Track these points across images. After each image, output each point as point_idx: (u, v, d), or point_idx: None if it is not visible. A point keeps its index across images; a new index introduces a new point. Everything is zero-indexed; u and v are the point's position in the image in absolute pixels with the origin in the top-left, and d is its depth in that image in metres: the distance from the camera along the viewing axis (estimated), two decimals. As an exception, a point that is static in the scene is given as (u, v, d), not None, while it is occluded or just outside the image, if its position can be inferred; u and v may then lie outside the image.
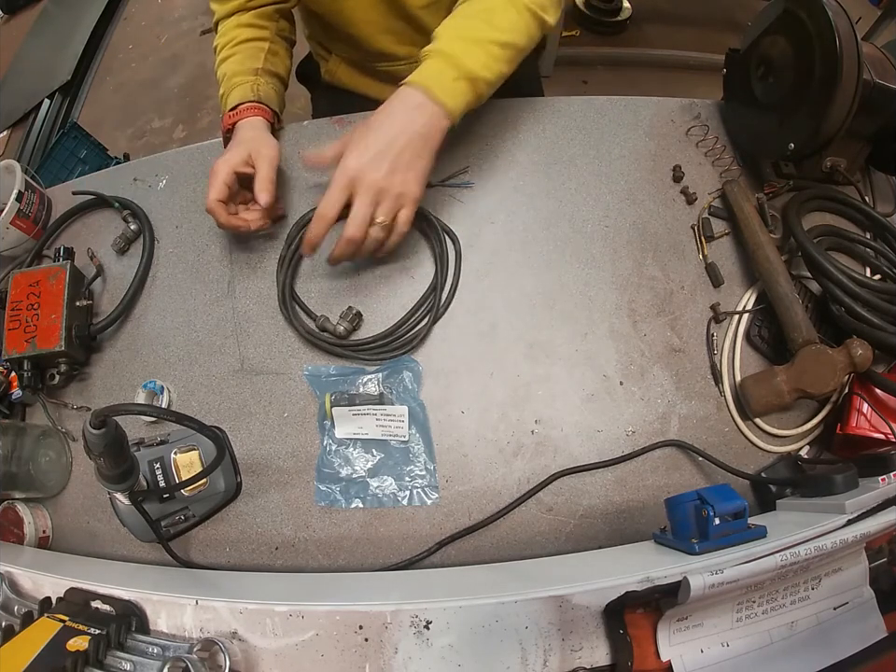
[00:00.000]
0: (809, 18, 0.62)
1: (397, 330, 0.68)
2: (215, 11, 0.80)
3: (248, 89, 0.73)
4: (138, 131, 2.21)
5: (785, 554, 0.40)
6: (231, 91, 0.74)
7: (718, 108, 0.78)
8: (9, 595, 0.48)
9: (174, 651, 0.41)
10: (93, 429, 0.46)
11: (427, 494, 0.63)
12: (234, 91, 0.73)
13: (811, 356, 0.60)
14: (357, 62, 0.93)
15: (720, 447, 0.64)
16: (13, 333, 0.67)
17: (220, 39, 0.78)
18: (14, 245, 0.77)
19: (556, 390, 0.65)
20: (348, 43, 0.86)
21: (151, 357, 0.71)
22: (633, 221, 0.72)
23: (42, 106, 2.18)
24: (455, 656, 0.40)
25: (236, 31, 0.77)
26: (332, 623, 0.41)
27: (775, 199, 0.72)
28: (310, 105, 1.11)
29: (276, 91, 0.77)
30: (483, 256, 0.71)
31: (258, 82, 0.74)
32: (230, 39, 0.77)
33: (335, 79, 0.97)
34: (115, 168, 0.89)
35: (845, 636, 0.43)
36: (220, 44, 0.78)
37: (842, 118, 0.60)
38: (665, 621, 0.41)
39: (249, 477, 0.65)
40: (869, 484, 0.51)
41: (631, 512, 0.62)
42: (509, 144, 0.76)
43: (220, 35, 0.78)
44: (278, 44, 0.80)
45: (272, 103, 0.75)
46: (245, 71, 0.75)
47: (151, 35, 2.44)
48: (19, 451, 0.65)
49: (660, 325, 0.68)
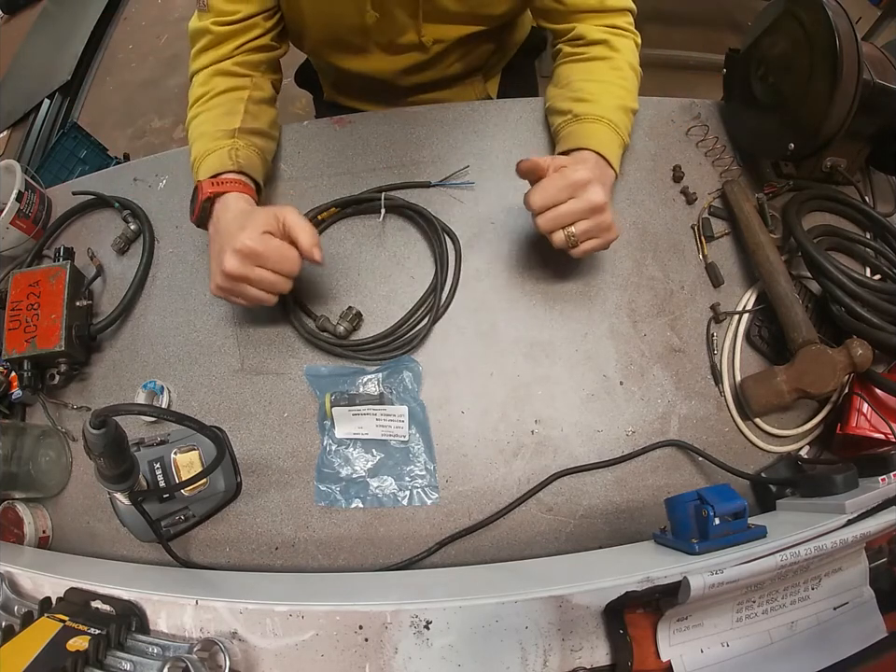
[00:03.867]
0: (809, 18, 0.62)
1: (397, 330, 0.68)
2: (192, 64, 0.72)
3: (225, 156, 0.64)
4: (138, 131, 2.21)
5: (785, 554, 0.40)
6: (204, 157, 0.65)
7: (718, 108, 0.78)
8: (9, 594, 0.48)
9: (174, 651, 0.41)
10: (93, 429, 0.46)
11: (427, 494, 0.63)
12: (209, 158, 0.64)
13: (811, 356, 0.60)
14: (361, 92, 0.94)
15: (720, 447, 0.64)
16: (13, 333, 0.67)
17: (196, 90, 0.70)
18: (14, 245, 0.77)
19: (556, 390, 0.65)
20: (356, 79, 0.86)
21: (151, 356, 0.71)
22: (633, 221, 0.72)
23: (42, 106, 2.18)
24: (455, 656, 0.40)
25: (214, 81, 0.70)
26: (332, 622, 0.41)
27: (775, 199, 0.72)
28: (310, 105, 1.11)
29: (258, 153, 0.68)
30: (483, 256, 0.71)
31: (235, 146, 0.65)
32: (205, 92, 0.69)
33: (336, 100, 0.98)
34: (115, 168, 0.89)
35: (845, 636, 0.43)
36: (195, 96, 0.70)
37: (842, 118, 0.60)
38: (665, 621, 0.41)
39: (249, 477, 0.65)
40: (869, 484, 0.51)
41: (631, 512, 0.62)
42: (509, 144, 0.76)
43: (196, 86, 0.71)
44: (260, 93, 0.72)
45: (255, 172, 0.66)
46: (219, 133, 0.66)
47: (151, 35, 2.44)
48: (19, 451, 0.65)
49: (660, 325, 0.68)
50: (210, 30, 0.69)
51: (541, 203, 0.58)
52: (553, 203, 0.58)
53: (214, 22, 0.68)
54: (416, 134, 0.76)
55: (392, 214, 0.73)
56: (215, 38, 0.69)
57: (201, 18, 0.70)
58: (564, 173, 0.58)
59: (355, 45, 0.77)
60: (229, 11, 0.68)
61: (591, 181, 0.57)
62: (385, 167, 0.75)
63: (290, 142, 0.78)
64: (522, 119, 0.77)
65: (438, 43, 0.77)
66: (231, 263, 0.57)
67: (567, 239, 0.59)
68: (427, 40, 0.76)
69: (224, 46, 0.70)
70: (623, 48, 0.70)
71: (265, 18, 0.71)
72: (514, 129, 0.77)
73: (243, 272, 0.57)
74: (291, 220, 0.58)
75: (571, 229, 0.59)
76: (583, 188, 0.57)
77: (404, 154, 0.76)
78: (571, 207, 0.58)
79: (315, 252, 0.58)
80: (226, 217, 0.61)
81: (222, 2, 0.68)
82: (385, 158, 0.76)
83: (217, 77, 0.70)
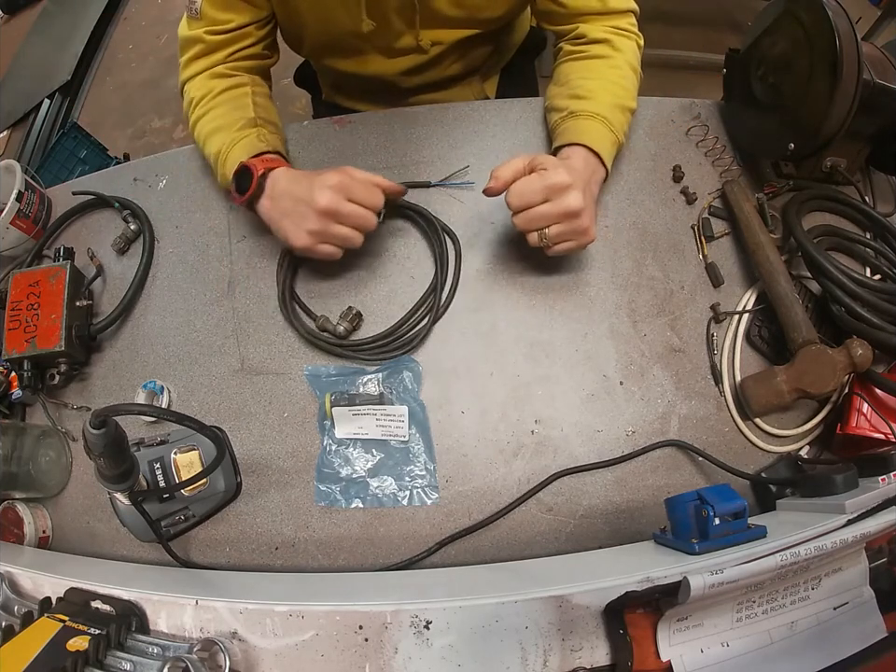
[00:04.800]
0: (809, 18, 0.62)
1: (397, 330, 0.68)
2: (183, 72, 0.72)
3: (255, 140, 0.65)
4: (138, 131, 2.21)
5: (785, 554, 0.40)
6: (231, 146, 0.65)
7: (718, 108, 0.78)
8: (9, 594, 0.48)
9: (174, 651, 0.41)
10: (93, 429, 0.46)
11: (427, 494, 0.63)
12: (238, 147, 0.65)
13: (811, 356, 0.60)
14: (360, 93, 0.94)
15: (720, 447, 0.64)
16: (13, 333, 0.67)
17: (194, 93, 0.70)
18: (14, 245, 0.77)
19: (556, 390, 0.65)
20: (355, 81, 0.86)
21: (151, 356, 0.71)
22: (633, 221, 0.72)
23: (42, 106, 2.18)
24: (455, 656, 0.40)
25: (212, 83, 0.70)
26: (332, 622, 0.41)
27: (775, 199, 0.72)
28: (310, 105, 1.11)
29: (281, 140, 0.70)
30: (483, 256, 0.71)
31: (260, 133, 0.66)
32: (206, 92, 0.69)
33: (334, 101, 0.98)
34: (115, 168, 0.89)
35: (845, 636, 0.43)
36: (195, 98, 0.69)
37: (842, 118, 0.60)
38: (665, 621, 0.41)
39: (249, 477, 0.65)
40: (869, 484, 0.51)
41: (631, 512, 0.62)
42: (509, 144, 0.76)
43: (193, 90, 0.70)
44: (261, 88, 0.73)
45: (284, 153, 0.68)
46: (238, 123, 0.66)
47: (151, 35, 2.44)
48: (19, 451, 0.65)
49: (660, 325, 0.68)
50: (202, 39, 0.69)
51: (518, 203, 0.59)
52: (528, 205, 0.58)
53: (206, 31, 0.68)
54: (416, 134, 0.76)
55: (392, 214, 0.73)
56: (206, 48, 0.70)
57: (192, 26, 0.69)
58: (543, 175, 0.58)
59: (353, 49, 0.77)
60: (222, 20, 0.68)
61: (570, 186, 0.58)
62: (385, 167, 0.75)
63: (290, 142, 0.78)
64: (522, 118, 0.77)
65: (436, 45, 0.77)
66: (325, 197, 0.58)
67: (541, 240, 0.60)
68: (426, 43, 0.76)
69: (216, 54, 0.70)
70: (625, 48, 0.70)
71: (257, 27, 0.71)
72: (514, 129, 0.77)
73: (336, 205, 0.59)
74: (358, 172, 0.61)
75: (545, 231, 0.59)
76: (561, 192, 0.58)
77: (404, 154, 0.76)
78: (546, 210, 0.58)
79: (393, 185, 0.63)
80: (287, 182, 0.62)
81: (215, 10, 0.67)
82: (385, 158, 0.76)
83: (214, 80, 0.70)
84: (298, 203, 0.60)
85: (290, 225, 0.61)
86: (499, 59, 0.95)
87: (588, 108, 0.66)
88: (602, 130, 0.65)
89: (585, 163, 0.64)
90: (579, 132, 0.65)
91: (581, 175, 0.61)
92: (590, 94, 0.67)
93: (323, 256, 0.63)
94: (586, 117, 0.66)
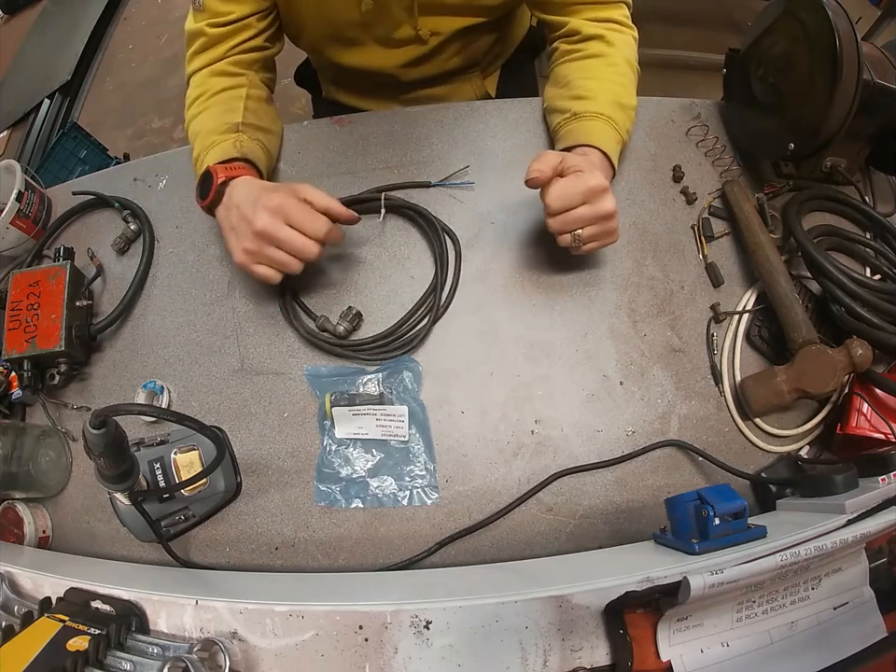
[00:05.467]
0: (809, 18, 0.62)
1: (397, 330, 0.68)
2: (189, 65, 0.73)
3: (230, 146, 0.65)
4: (138, 131, 2.21)
5: (785, 554, 0.40)
6: (209, 149, 0.65)
7: (718, 108, 0.78)
8: (9, 594, 0.48)
9: (174, 651, 0.41)
10: (93, 429, 0.46)
11: (427, 494, 0.63)
12: (214, 150, 0.65)
13: (811, 356, 0.60)
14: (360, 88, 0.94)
15: (720, 447, 0.64)
16: (13, 333, 0.67)
17: (193, 91, 0.71)
18: (14, 245, 0.77)
19: (556, 390, 0.65)
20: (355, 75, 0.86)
21: (151, 356, 0.71)
22: (633, 221, 0.72)
23: (42, 106, 2.18)
24: (454, 656, 0.40)
25: (210, 81, 0.71)
26: (332, 622, 0.41)
27: (775, 199, 0.72)
28: (310, 105, 1.11)
29: (262, 146, 0.69)
30: (483, 256, 0.71)
31: (240, 139, 0.66)
32: (202, 91, 0.70)
33: (335, 98, 0.98)
34: (115, 168, 0.89)
35: (845, 636, 0.43)
36: (192, 97, 0.71)
37: (842, 118, 0.60)
38: (665, 621, 0.41)
39: (249, 477, 0.65)
40: (869, 484, 0.51)
41: (631, 512, 0.62)
42: (509, 144, 0.76)
43: (193, 87, 0.72)
44: (258, 90, 0.73)
45: (259, 162, 0.67)
46: (222, 128, 0.67)
47: (151, 35, 2.44)
48: (19, 451, 0.65)
49: (660, 325, 0.68)
50: (204, 32, 0.70)
51: (559, 206, 0.58)
52: (568, 207, 0.58)
53: (208, 24, 0.70)
54: (416, 134, 0.76)
55: (392, 214, 0.73)
56: (209, 41, 0.71)
57: (196, 19, 0.71)
58: (582, 177, 0.57)
59: (352, 39, 0.78)
60: (223, 12, 0.69)
61: (606, 189, 0.58)
62: (385, 167, 0.75)
63: (290, 142, 0.78)
64: (521, 118, 0.77)
65: (436, 35, 0.77)
66: (262, 219, 0.57)
67: (573, 241, 0.60)
68: (424, 33, 0.76)
69: (218, 48, 0.71)
70: (619, 42, 0.70)
71: (258, 19, 0.71)
72: (514, 129, 0.77)
73: (273, 229, 0.57)
74: (311, 194, 0.59)
75: (579, 232, 0.59)
76: (599, 195, 0.58)
77: (404, 154, 0.76)
78: (584, 213, 0.58)
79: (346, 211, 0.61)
80: (241, 194, 0.60)
81: (217, 2, 0.68)
82: (385, 158, 0.76)
83: (213, 78, 0.71)
84: (241, 220, 0.59)
85: (232, 239, 0.60)
86: (500, 54, 0.95)
87: (591, 109, 0.66)
88: (608, 129, 0.66)
89: (602, 164, 0.64)
90: (586, 133, 0.65)
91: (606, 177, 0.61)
92: (591, 94, 0.67)
93: (258, 277, 0.61)
94: (590, 117, 0.66)
